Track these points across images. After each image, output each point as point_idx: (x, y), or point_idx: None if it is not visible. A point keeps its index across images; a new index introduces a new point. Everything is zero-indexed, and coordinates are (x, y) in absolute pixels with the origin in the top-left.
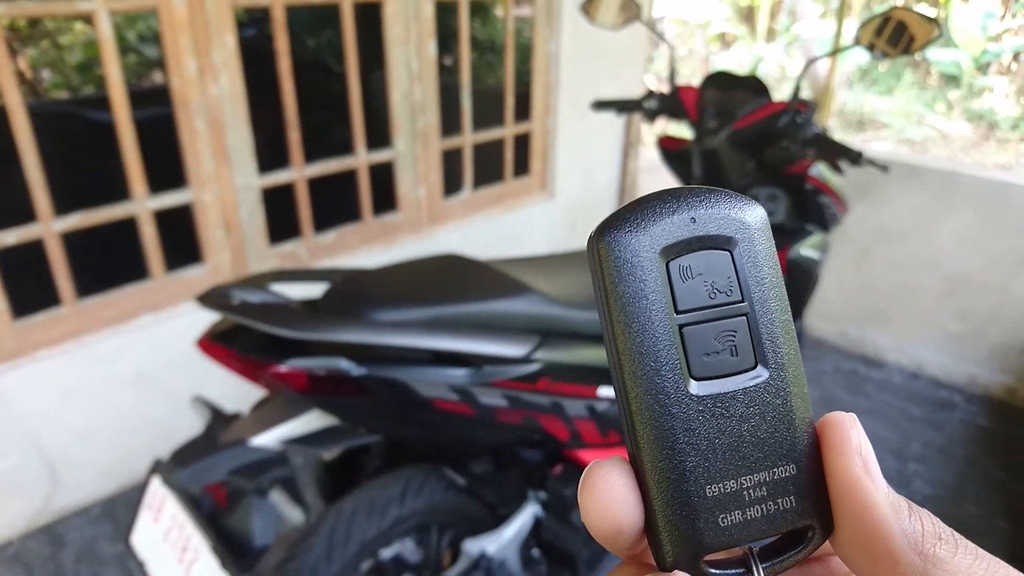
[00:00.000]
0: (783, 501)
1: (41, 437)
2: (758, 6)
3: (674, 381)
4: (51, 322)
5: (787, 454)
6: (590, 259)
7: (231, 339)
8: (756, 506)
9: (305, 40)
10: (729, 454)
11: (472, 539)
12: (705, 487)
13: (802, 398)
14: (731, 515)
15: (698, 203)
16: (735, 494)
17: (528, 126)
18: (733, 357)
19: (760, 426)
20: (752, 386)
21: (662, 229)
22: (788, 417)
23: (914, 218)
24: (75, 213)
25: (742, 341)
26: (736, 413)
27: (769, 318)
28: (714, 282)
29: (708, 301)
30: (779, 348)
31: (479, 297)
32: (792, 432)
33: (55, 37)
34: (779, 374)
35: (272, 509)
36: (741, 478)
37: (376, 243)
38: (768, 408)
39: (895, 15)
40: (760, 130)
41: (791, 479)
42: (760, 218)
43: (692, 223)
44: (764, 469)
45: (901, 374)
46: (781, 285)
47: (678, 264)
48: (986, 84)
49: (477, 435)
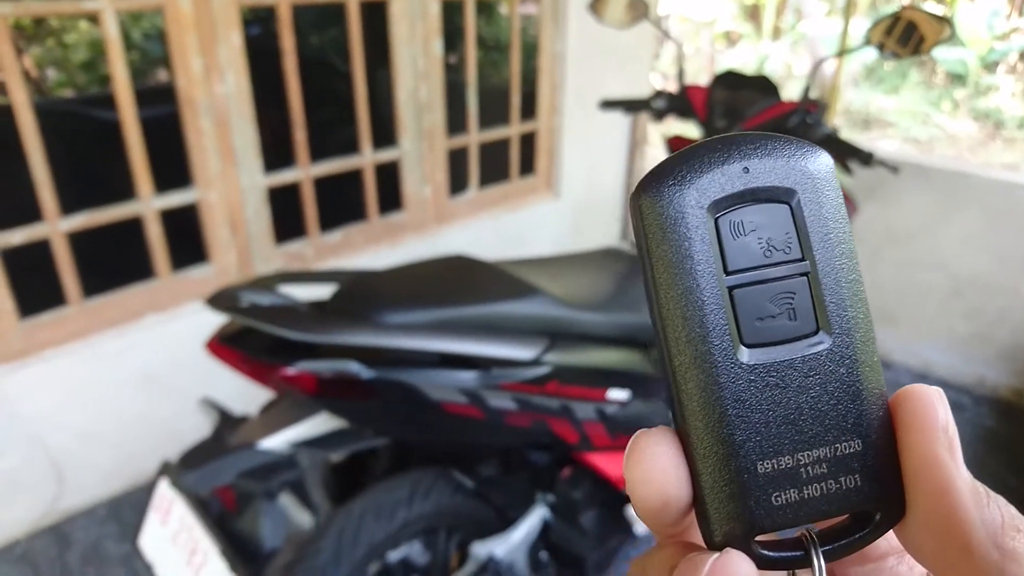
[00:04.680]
0: (847, 479)
1: (47, 437)
2: (764, 4)
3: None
4: (57, 322)
5: (852, 428)
6: (632, 216)
7: (240, 341)
8: (815, 484)
9: (311, 39)
10: (785, 427)
11: (480, 542)
12: (757, 463)
13: (871, 367)
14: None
15: (752, 151)
16: (791, 471)
17: (534, 125)
18: (791, 322)
19: (821, 397)
20: (812, 354)
21: (710, 181)
22: (854, 388)
23: (922, 219)
24: (81, 213)
25: (802, 304)
26: (793, 383)
27: (834, 278)
28: (770, 238)
29: (763, 260)
30: (845, 312)
31: (488, 299)
32: (859, 404)
33: (60, 35)
34: (844, 340)
35: (281, 512)
36: (798, 454)
37: (382, 242)
38: (831, 378)
39: (905, 15)
40: (770, 130)
41: (856, 456)
42: (825, 166)
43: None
44: (825, 444)
45: (909, 375)
46: (850, 240)
47: (728, 219)
48: (992, 83)
49: (486, 438)
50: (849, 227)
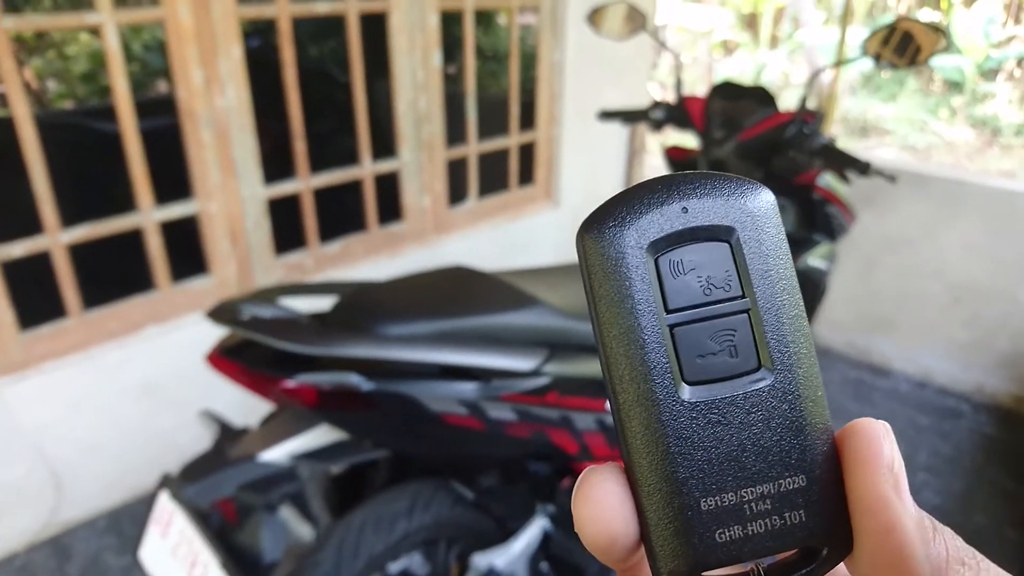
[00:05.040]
0: (791, 515)
1: (47, 448)
2: (761, 14)
3: (664, 386)
4: (57, 333)
5: (796, 464)
6: (578, 256)
7: (240, 354)
8: (759, 520)
9: (311, 50)
10: (728, 464)
11: (480, 553)
12: (700, 500)
13: (815, 403)
14: (730, 530)
15: (691, 190)
16: (734, 507)
17: (533, 135)
18: (732, 359)
19: (764, 434)
20: (754, 390)
21: (649, 221)
22: (798, 424)
23: (920, 227)
24: (81, 225)
25: (743, 341)
26: (736, 420)
27: (775, 314)
28: (710, 277)
29: (703, 298)
30: (787, 348)
31: (487, 310)
32: (802, 440)
33: (61, 47)
34: (786, 376)
35: (281, 525)
36: (742, 490)
37: (382, 253)
38: (773, 414)
39: (901, 25)
40: (767, 140)
41: (800, 491)
42: (766, 203)
43: (684, 213)
44: (769, 481)
45: (908, 383)
46: (791, 277)
47: (668, 259)
48: (989, 90)
49: (486, 449)
50: (791, 263)
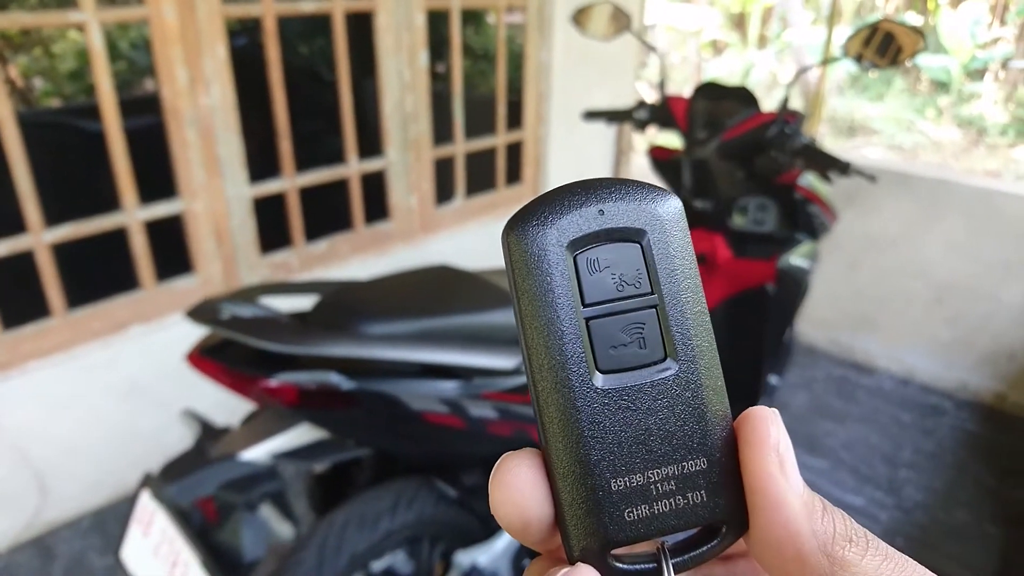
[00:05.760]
0: (693, 496)
1: (30, 449)
2: (749, 14)
3: (579, 375)
4: (41, 333)
5: (698, 448)
6: (503, 253)
7: (221, 353)
8: (664, 500)
9: (297, 49)
10: (636, 448)
11: (464, 551)
12: (610, 481)
13: (715, 391)
14: (638, 509)
15: (608, 195)
16: (642, 488)
17: (520, 134)
18: (641, 350)
19: (669, 419)
20: (660, 379)
21: (569, 222)
22: (699, 411)
23: (903, 226)
24: (65, 224)
25: (651, 333)
26: (643, 406)
27: (680, 310)
28: (622, 274)
29: (616, 293)
30: (690, 340)
31: (469, 309)
32: (703, 426)
33: (47, 45)
34: (689, 367)
35: (262, 523)
36: (648, 472)
37: (368, 252)
38: (677, 401)
39: (883, 26)
40: (749, 140)
41: (701, 473)
42: (673, 209)
43: (600, 215)
44: (673, 463)
45: (892, 380)
46: (695, 276)
47: (586, 257)
48: (975, 90)
49: (468, 447)
50: (695, 264)
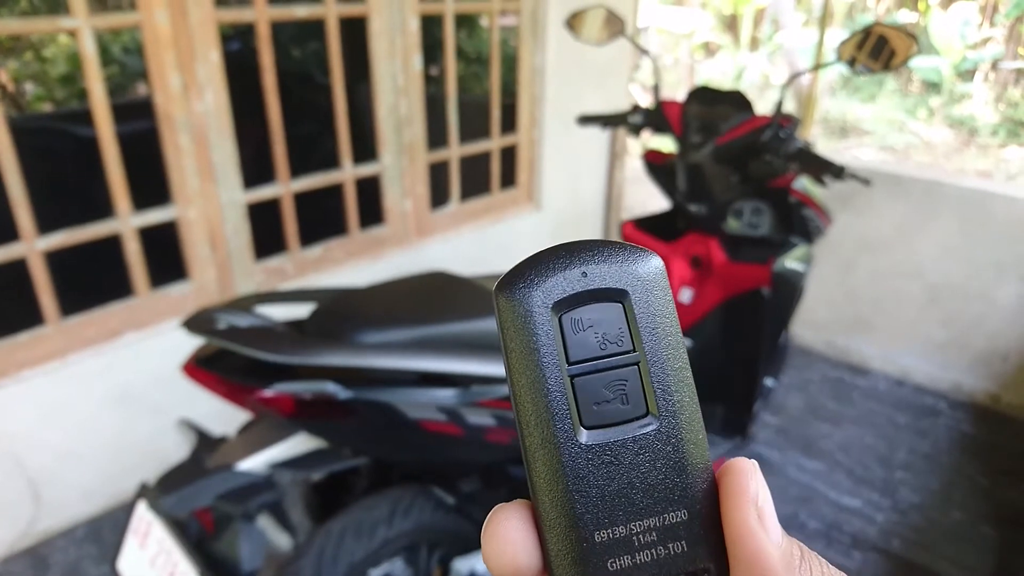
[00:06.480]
0: (674, 546)
1: (24, 457)
2: (741, 15)
3: (564, 431)
4: (34, 341)
5: (678, 500)
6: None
7: (216, 363)
8: (646, 551)
9: (291, 54)
10: (619, 501)
11: (462, 558)
12: (594, 532)
13: (696, 444)
14: (620, 560)
15: (590, 257)
16: (624, 539)
17: (514, 138)
18: (624, 406)
19: (651, 473)
20: (642, 434)
21: (554, 284)
22: (680, 464)
23: (897, 228)
24: (59, 231)
25: (633, 390)
26: (626, 461)
27: (661, 367)
28: (605, 333)
29: (599, 352)
30: (671, 396)
31: (465, 316)
32: (684, 479)
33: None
34: (670, 422)
35: (260, 534)
36: (631, 524)
37: (363, 257)
38: (659, 455)
39: (876, 30)
40: (744, 145)
41: (682, 525)
42: (654, 269)
43: (583, 277)
44: (655, 515)
45: (886, 382)
46: (676, 333)
47: (570, 317)
48: (966, 91)
49: (465, 455)
50: (676, 321)
